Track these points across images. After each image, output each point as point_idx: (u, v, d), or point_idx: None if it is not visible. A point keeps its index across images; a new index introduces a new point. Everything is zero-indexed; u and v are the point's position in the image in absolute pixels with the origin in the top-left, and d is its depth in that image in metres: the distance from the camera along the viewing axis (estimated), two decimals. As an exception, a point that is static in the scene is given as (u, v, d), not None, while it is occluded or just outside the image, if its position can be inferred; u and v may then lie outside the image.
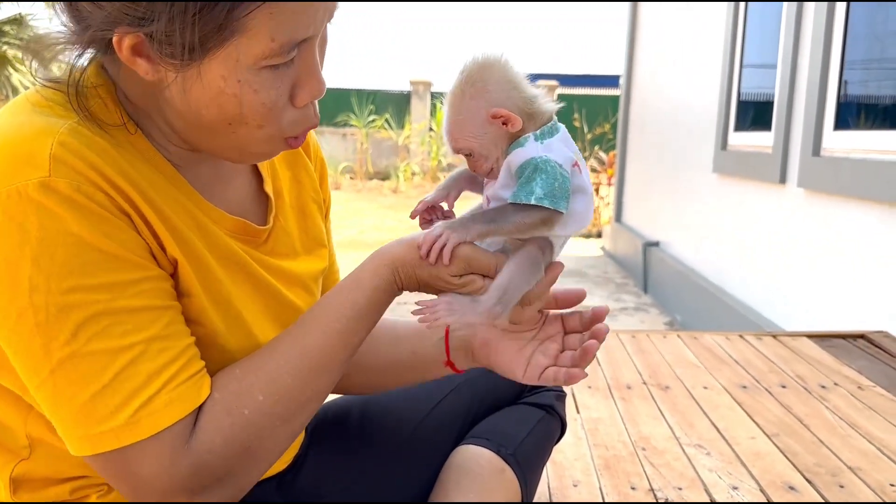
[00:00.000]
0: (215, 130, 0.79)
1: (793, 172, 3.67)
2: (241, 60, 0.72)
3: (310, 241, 1.03)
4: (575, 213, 0.84)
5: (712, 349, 2.64)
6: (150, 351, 0.72)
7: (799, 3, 3.70)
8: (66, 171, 0.70)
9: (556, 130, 0.85)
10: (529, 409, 1.30)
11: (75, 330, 0.69)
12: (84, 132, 0.74)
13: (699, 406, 2.10)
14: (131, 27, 0.71)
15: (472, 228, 0.81)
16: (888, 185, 2.79)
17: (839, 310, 3.16)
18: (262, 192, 0.97)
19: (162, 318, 0.74)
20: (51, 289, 0.69)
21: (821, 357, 2.54)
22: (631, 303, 5.83)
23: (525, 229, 0.82)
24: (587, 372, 0.95)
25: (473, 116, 0.84)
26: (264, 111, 0.76)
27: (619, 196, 8.00)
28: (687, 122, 5.60)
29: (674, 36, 6.24)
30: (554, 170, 0.80)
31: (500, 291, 0.83)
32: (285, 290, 0.94)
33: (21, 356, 0.71)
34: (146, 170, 0.78)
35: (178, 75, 0.74)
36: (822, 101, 3.40)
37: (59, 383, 0.70)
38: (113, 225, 0.72)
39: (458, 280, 0.83)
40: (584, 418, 2.00)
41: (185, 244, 0.79)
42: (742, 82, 4.64)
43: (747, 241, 4.25)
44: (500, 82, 0.84)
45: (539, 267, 0.86)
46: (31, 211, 0.68)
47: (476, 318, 0.83)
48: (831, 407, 2.10)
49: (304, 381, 0.80)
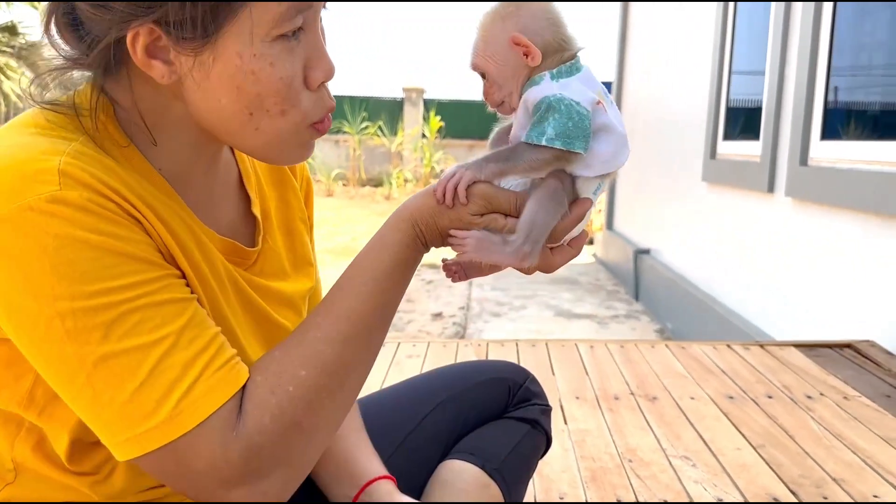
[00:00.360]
0: (238, 126, 0.79)
1: (781, 182, 3.69)
2: (254, 32, 0.74)
3: (297, 259, 1.04)
4: (599, 154, 0.82)
5: (700, 359, 2.66)
6: (182, 341, 0.72)
7: (787, 13, 3.73)
8: (76, 184, 0.70)
9: (576, 70, 0.83)
10: (515, 424, 1.30)
11: (105, 331, 0.69)
12: (88, 152, 0.74)
13: (686, 417, 2.12)
14: (143, 19, 0.73)
15: (485, 167, 0.80)
16: (873, 195, 2.81)
17: (827, 319, 3.18)
18: (251, 214, 0.98)
19: (187, 310, 0.74)
20: (74, 295, 0.69)
21: (807, 367, 2.56)
22: (622, 310, 5.85)
23: (539, 167, 0.80)
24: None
25: (497, 37, 0.83)
26: (283, 88, 0.77)
27: (611, 203, 8.03)
28: (676, 131, 5.63)
29: (664, 40, 6.28)
30: (569, 108, 0.78)
31: (527, 228, 0.80)
32: (273, 312, 0.95)
33: (55, 367, 0.71)
34: (149, 186, 0.79)
35: (194, 64, 0.75)
36: (808, 111, 3.43)
37: (97, 386, 0.70)
38: (127, 228, 0.73)
39: (479, 220, 0.82)
40: (571, 430, 2.01)
41: (189, 256, 0.80)
42: (731, 91, 4.68)
43: (737, 249, 4.27)
44: (536, 12, 0.83)
45: (562, 200, 0.83)
46: (45, 223, 0.69)
47: (505, 258, 0.81)
48: (817, 417, 2.11)
49: (343, 349, 0.79)
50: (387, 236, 0.83)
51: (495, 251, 0.81)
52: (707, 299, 4.56)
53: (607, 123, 0.82)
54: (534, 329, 5.10)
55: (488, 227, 0.81)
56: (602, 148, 0.82)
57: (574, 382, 2.40)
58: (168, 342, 0.71)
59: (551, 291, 6.37)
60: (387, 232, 0.83)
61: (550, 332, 5.03)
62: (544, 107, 0.79)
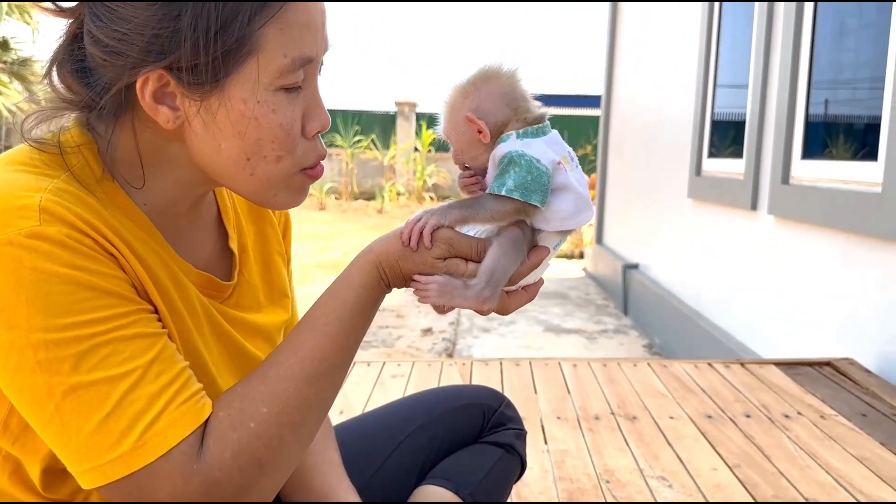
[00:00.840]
0: (235, 170, 0.83)
1: (763, 199, 3.75)
2: (259, 81, 0.79)
3: (274, 292, 1.08)
4: (559, 210, 0.87)
5: (681, 378, 2.69)
6: (149, 375, 0.75)
7: (768, 33, 3.79)
8: (55, 220, 0.74)
9: (542, 133, 0.89)
10: (489, 449, 1.33)
11: (75, 363, 0.72)
12: (69, 189, 0.78)
13: (664, 437, 2.15)
14: (155, 64, 0.77)
15: (449, 213, 0.85)
16: (852, 214, 2.86)
17: (808, 335, 3.23)
18: (228, 249, 1.01)
19: (156, 345, 0.77)
20: (48, 327, 0.72)
21: (786, 385, 2.60)
22: (611, 325, 5.89)
23: (500, 217, 0.85)
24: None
25: (457, 112, 0.90)
26: (282, 135, 0.82)
27: (600, 218, 8.08)
28: (663, 147, 5.69)
29: (650, 55, 6.35)
30: (528, 164, 0.84)
31: (488, 274, 0.84)
32: (247, 343, 0.98)
33: (26, 396, 0.74)
34: (128, 223, 0.83)
35: (200, 108, 0.79)
36: (790, 131, 3.49)
37: (64, 417, 0.73)
38: (102, 264, 0.76)
39: (441, 264, 0.85)
40: (551, 450, 2.04)
41: (163, 292, 0.83)
42: (716, 105, 4.74)
43: (722, 266, 4.32)
44: (494, 94, 0.89)
45: (521, 247, 0.88)
46: (24, 257, 0.72)
47: (466, 303, 0.85)
48: (793, 437, 2.15)
49: (306, 388, 0.82)
50: (352, 277, 0.86)
51: (457, 295, 0.84)
52: (693, 315, 4.60)
53: (567, 183, 0.87)
54: (523, 344, 5.13)
55: (450, 271, 0.85)
56: (562, 205, 0.87)
57: (556, 402, 2.43)
58: (135, 375, 0.74)
59: (541, 306, 6.41)
60: (352, 273, 0.86)
61: (539, 348, 5.05)
62: (506, 161, 0.85)
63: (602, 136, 8.16)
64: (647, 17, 6.53)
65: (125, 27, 0.77)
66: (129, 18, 0.77)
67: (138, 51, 0.77)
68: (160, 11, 0.76)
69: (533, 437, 2.11)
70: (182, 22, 0.76)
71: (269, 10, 0.78)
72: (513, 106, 0.89)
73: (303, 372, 0.82)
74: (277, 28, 0.79)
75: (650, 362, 2.90)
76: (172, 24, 0.76)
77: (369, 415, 1.36)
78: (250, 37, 0.78)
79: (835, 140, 3.36)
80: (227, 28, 0.77)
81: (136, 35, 0.77)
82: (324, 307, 0.85)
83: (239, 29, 0.77)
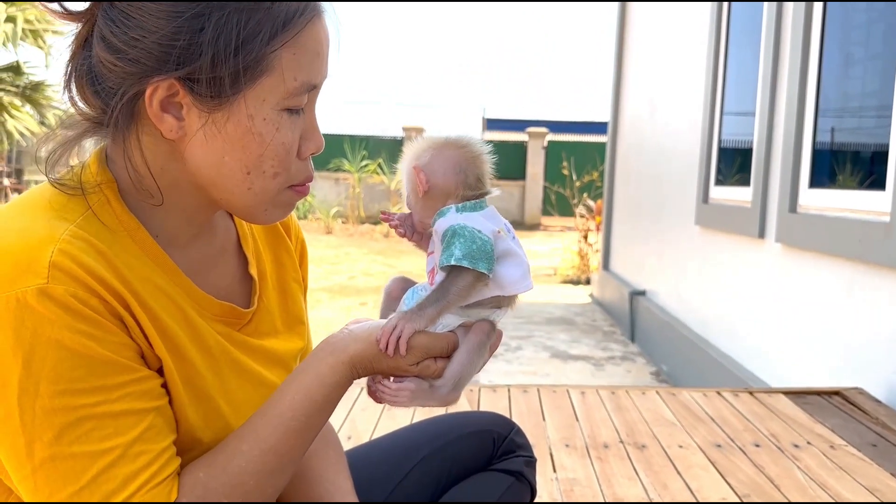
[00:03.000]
0: (234, 184, 0.85)
1: (771, 228, 3.75)
2: (266, 99, 0.82)
3: (290, 319, 1.09)
4: (508, 276, 0.93)
5: (689, 406, 2.68)
6: (129, 454, 0.76)
7: (775, 63, 3.82)
8: (63, 278, 0.75)
9: (479, 207, 0.95)
10: (498, 476, 1.33)
11: (59, 433, 0.74)
12: (83, 236, 0.79)
13: (674, 466, 2.14)
14: (170, 73, 0.79)
15: (423, 315, 0.89)
16: (860, 244, 2.87)
17: (817, 365, 3.22)
18: (248, 275, 1.03)
19: (143, 422, 0.78)
20: (39, 392, 0.73)
21: (795, 415, 2.59)
22: (618, 352, 5.87)
23: (465, 294, 0.90)
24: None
25: (410, 160, 0.97)
26: (283, 153, 0.85)
27: (607, 244, 8.09)
28: (670, 174, 5.71)
29: (657, 83, 6.39)
30: (472, 234, 0.90)
31: (454, 379, 0.91)
32: (266, 372, 0.99)
33: (6, 451, 0.76)
34: (140, 266, 0.84)
35: (205, 123, 0.81)
36: (797, 160, 3.50)
37: (38, 482, 0.75)
38: (105, 329, 0.77)
39: (415, 368, 0.90)
40: (560, 478, 2.04)
41: (171, 342, 0.84)
42: (722, 137, 4.76)
43: (729, 293, 4.31)
44: (449, 159, 0.95)
45: (485, 349, 0.95)
46: (27, 317, 0.73)
47: (433, 404, 0.92)
48: (803, 467, 2.14)
49: (266, 481, 0.84)
50: (324, 376, 0.87)
51: (425, 399, 0.92)
52: (700, 342, 4.59)
53: (510, 249, 0.94)
54: (529, 370, 5.12)
55: (421, 374, 0.90)
56: (511, 271, 0.93)
57: (564, 430, 2.42)
58: (115, 454, 0.76)
59: (547, 332, 6.40)
60: (324, 371, 0.87)
61: (546, 374, 5.04)
62: (450, 234, 0.90)
63: (609, 163, 8.19)
64: (655, 45, 6.58)
65: (144, 35, 0.79)
66: (150, 28, 0.79)
67: (155, 59, 0.79)
68: (185, 24, 0.78)
69: (541, 465, 2.10)
70: (205, 35, 0.78)
71: (287, 34, 0.82)
72: (461, 178, 0.95)
73: (265, 466, 0.84)
74: (291, 52, 0.82)
75: (658, 390, 2.89)
76: (195, 37, 0.78)
77: (378, 441, 1.36)
78: (266, 57, 0.81)
79: (842, 169, 3.37)
80: (247, 46, 0.80)
81: (155, 44, 0.79)
82: (291, 400, 0.86)
83: (258, 48, 0.80)
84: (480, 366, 0.95)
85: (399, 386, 0.91)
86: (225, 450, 0.84)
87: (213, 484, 0.82)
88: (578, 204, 11.00)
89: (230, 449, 0.84)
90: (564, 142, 17.82)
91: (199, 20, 0.79)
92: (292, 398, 0.86)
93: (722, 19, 4.78)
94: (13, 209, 0.82)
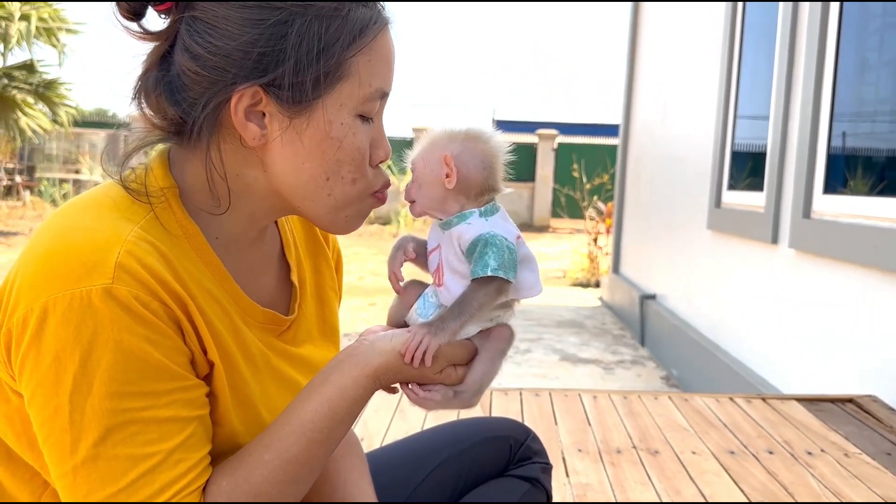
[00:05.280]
0: (315, 189, 0.87)
1: (784, 233, 3.74)
2: (344, 105, 0.84)
3: (326, 327, 1.10)
4: (525, 281, 0.94)
5: (702, 412, 2.68)
6: (170, 461, 0.77)
7: (790, 65, 3.80)
8: (128, 280, 0.76)
9: (496, 210, 0.95)
10: (515, 482, 1.33)
11: (104, 434, 0.75)
12: (148, 238, 0.80)
13: (687, 472, 2.14)
14: (256, 81, 0.81)
15: (447, 328, 0.90)
16: (875, 251, 2.85)
17: (830, 372, 3.20)
18: (289, 281, 1.04)
19: (186, 429, 0.79)
20: (91, 392, 0.74)
21: (808, 422, 2.58)
22: (628, 356, 5.86)
23: (488, 304, 0.91)
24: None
25: (437, 149, 0.95)
26: (360, 158, 0.87)
27: (617, 247, 8.07)
28: (682, 178, 5.69)
29: (670, 86, 6.38)
30: (502, 243, 0.90)
31: (476, 387, 0.93)
32: (303, 380, 1.00)
33: (50, 446, 0.77)
34: (197, 272, 0.85)
35: (289, 127, 0.83)
36: (811, 166, 3.49)
37: (78, 480, 0.76)
38: (162, 333, 0.78)
39: (438, 376, 0.91)
40: (573, 484, 2.04)
41: (222, 348, 0.86)
42: (735, 141, 4.74)
43: (741, 298, 4.30)
44: (477, 152, 0.95)
45: (504, 355, 0.97)
46: (89, 316, 0.74)
47: (455, 408, 0.96)
48: (817, 475, 2.13)
49: (288, 490, 0.85)
50: (347, 390, 0.87)
51: (448, 405, 0.94)
52: (712, 347, 4.58)
53: (528, 254, 0.94)
54: (539, 373, 5.11)
55: (444, 381, 0.92)
56: (528, 276, 0.94)
57: (577, 434, 2.42)
58: (156, 459, 0.77)
59: (557, 335, 6.39)
60: (346, 385, 0.88)
61: (556, 377, 5.04)
62: (482, 243, 0.90)
63: (620, 166, 8.17)
64: (668, 47, 6.57)
65: (230, 43, 0.80)
66: (234, 35, 0.80)
67: (240, 67, 0.81)
68: (269, 31, 0.80)
69: (554, 470, 2.10)
70: (288, 42, 0.80)
71: (364, 41, 0.84)
72: (486, 173, 0.95)
73: (287, 475, 0.84)
74: (367, 58, 0.84)
75: (671, 395, 2.89)
76: (278, 43, 0.80)
77: (396, 445, 1.36)
78: (344, 62, 0.83)
79: (857, 174, 3.36)
80: (327, 51, 0.82)
81: (239, 51, 0.80)
82: (314, 413, 0.86)
83: (338, 54, 0.82)
84: (498, 370, 0.97)
85: (426, 395, 0.93)
86: (247, 459, 0.85)
87: (237, 493, 0.82)
88: (588, 206, 10.99)
89: (253, 459, 0.85)
90: (575, 144, 17.80)
91: (282, 27, 0.81)
92: (315, 410, 0.86)
93: (736, 21, 4.76)
94: (79, 206, 0.84)
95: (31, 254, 0.79)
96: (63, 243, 0.77)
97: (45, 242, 0.78)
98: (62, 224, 0.80)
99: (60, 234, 0.79)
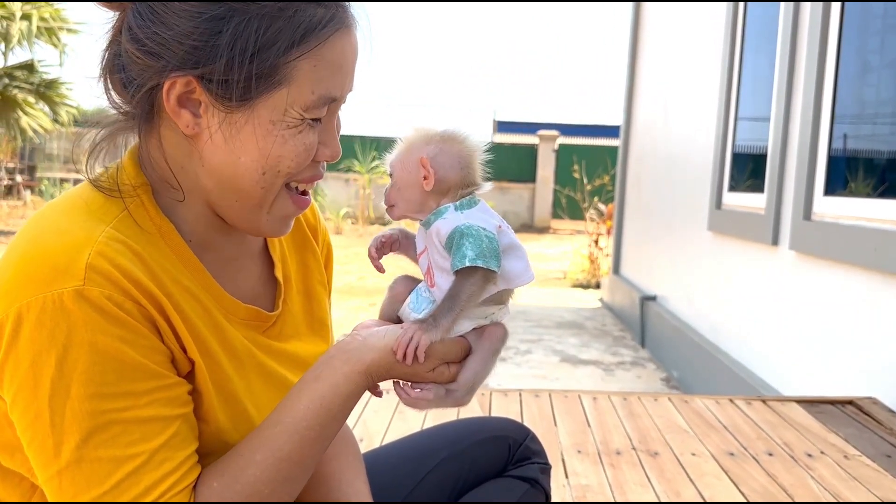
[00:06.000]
0: (248, 183, 0.85)
1: (785, 235, 3.73)
2: (287, 111, 0.83)
3: (314, 322, 1.09)
4: (513, 269, 0.94)
5: (702, 413, 2.67)
6: (154, 460, 0.77)
7: (791, 68, 3.80)
8: (100, 280, 0.76)
9: (474, 203, 0.95)
10: (514, 483, 1.33)
11: (86, 437, 0.75)
12: (120, 237, 0.80)
13: (686, 474, 2.13)
14: (188, 71, 0.80)
15: (439, 325, 0.90)
16: (876, 253, 2.85)
17: (830, 373, 3.20)
18: (273, 277, 1.03)
19: (169, 429, 0.79)
20: (70, 394, 0.74)
21: (808, 424, 2.58)
22: (628, 357, 5.85)
23: (476, 295, 0.91)
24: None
25: (413, 152, 0.96)
26: (303, 153, 0.86)
27: (618, 248, 8.06)
28: (682, 179, 5.69)
29: (670, 87, 6.37)
30: (479, 232, 0.90)
31: (468, 385, 0.94)
32: (290, 376, 0.99)
33: (34, 451, 0.77)
34: (173, 269, 0.85)
35: (223, 122, 0.82)
36: (812, 167, 3.48)
37: (64, 483, 0.75)
38: (138, 333, 0.78)
39: (431, 374, 0.91)
40: (572, 485, 2.03)
41: (202, 345, 0.85)
42: (736, 142, 4.74)
43: (741, 300, 4.30)
44: (454, 153, 0.96)
45: (498, 354, 0.97)
46: (63, 319, 0.74)
47: (450, 406, 0.95)
48: (816, 477, 2.13)
49: (281, 488, 0.84)
50: (339, 386, 0.87)
51: (440, 404, 0.94)
52: (712, 349, 4.57)
53: (513, 242, 0.94)
54: (539, 374, 5.11)
55: (436, 379, 0.92)
56: (515, 264, 0.94)
57: (576, 436, 2.41)
58: (140, 459, 0.76)
59: (557, 336, 6.38)
60: (339, 381, 0.87)
61: (556, 379, 5.03)
62: (458, 235, 0.90)
63: (620, 167, 8.17)
64: (669, 48, 6.57)
65: (166, 32, 0.80)
66: (171, 24, 0.80)
67: (174, 56, 0.80)
68: (203, 25, 0.80)
69: (554, 471, 2.09)
70: (222, 39, 0.79)
71: (306, 46, 0.82)
72: (463, 172, 0.95)
73: (279, 474, 0.84)
74: (311, 64, 0.82)
75: (671, 397, 2.88)
76: (213, 39, 0.80)
77: (393, 446, 1.36)
78: (283, 67, 0.81)
79: (858, 176, 3.35)
80: (263, 53, 0.80)
81: (175, 42, 0.80)
82: (306, 410, 0.86)
83: (274, 57, 0.81)
84: (491, 370, 0.97)
85: (418, 395, 0.93)
86: (238, 459, 0.84)
87: (229, 493, 0.82)
88: (589, 207, 10.98)
89: (244, 458, 0.84)
90: (575, 145, 17.81)
91: (218, 23, 0.80)
92: (307, 407, 0.86)
93: (737, 22, 4.76)
94: (53, 210, 0.84)
95: (7, 260, 0.79)
96: (35, 248, 0.77)
97: (20, 248, 0.78)
98: (35, 228, 0.80)
99: (33, 238, 0.79)
